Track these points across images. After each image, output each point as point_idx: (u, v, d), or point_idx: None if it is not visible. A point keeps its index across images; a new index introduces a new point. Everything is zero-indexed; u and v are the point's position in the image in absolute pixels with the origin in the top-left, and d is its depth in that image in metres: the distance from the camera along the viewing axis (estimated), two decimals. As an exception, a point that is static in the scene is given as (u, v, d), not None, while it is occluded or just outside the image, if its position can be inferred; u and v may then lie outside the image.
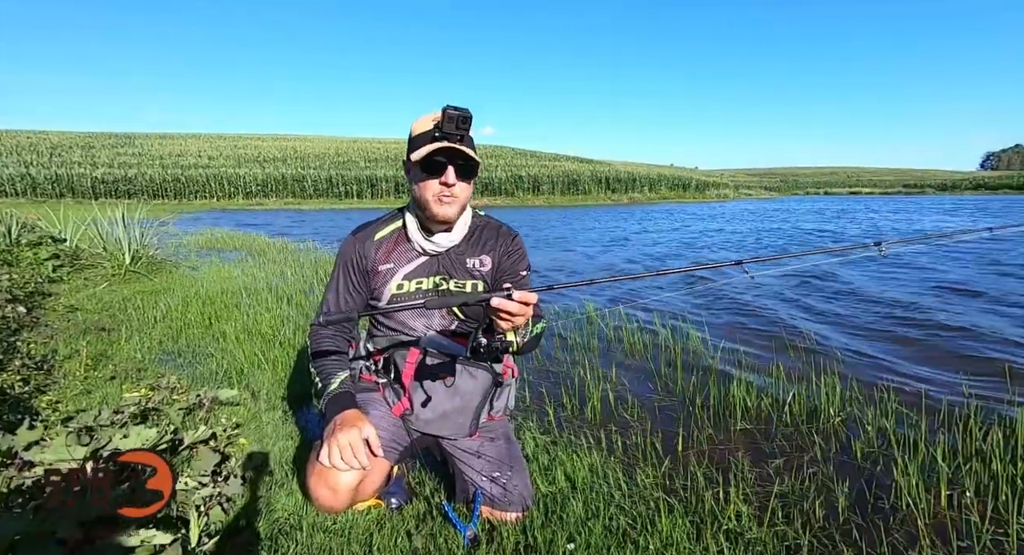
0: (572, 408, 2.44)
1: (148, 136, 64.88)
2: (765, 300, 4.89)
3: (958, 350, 3.32)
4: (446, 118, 1.30)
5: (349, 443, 1.31)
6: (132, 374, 2.56)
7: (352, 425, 1.33)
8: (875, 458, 1.97)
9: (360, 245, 1.51)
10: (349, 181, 41.99)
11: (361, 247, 1.50)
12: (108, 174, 37.21)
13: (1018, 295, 5.03)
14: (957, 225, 15.13)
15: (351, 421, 1.35)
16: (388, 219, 1.57)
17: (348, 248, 1.52)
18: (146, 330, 3.37)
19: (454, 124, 1.31)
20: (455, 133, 1.32)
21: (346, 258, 1.51)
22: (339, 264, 1.52)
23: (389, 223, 1.55)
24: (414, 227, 1.48)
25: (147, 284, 4.96)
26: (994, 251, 8.21)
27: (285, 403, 2.31)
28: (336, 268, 1.52)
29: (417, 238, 1.48)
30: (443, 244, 1.48)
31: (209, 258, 7.07)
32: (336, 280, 1.52)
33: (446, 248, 1.50)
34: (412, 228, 1.48)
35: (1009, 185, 68.41)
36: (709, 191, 56.06)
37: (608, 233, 13.73)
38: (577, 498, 1.59)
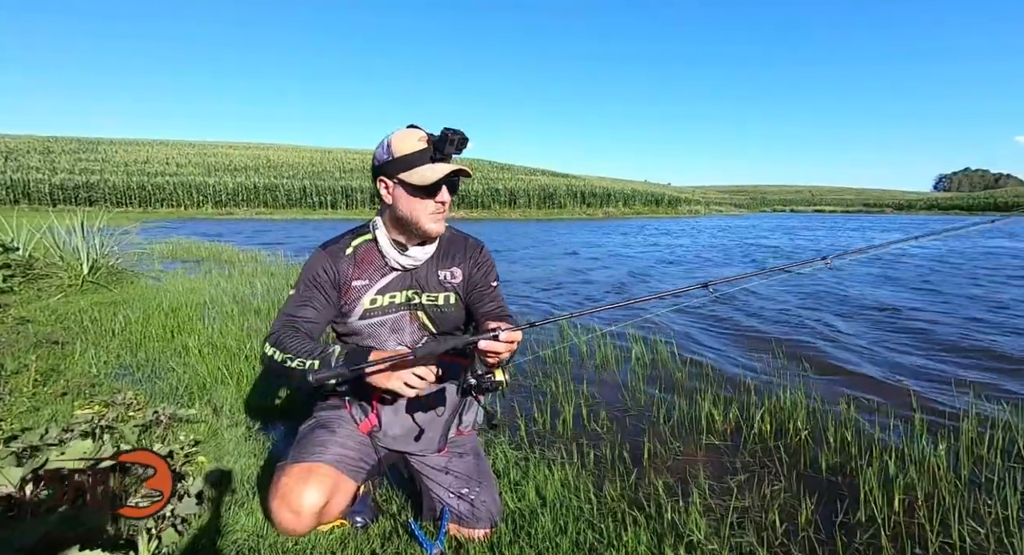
0: (544, 422, 2.44)
1: (112, 142, 62.85)
2: (733, 316, 5.01)
3: (909, 362, 3.47)
4: (447, 141, 1.31)
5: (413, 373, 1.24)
6: (85, 390, 2.45)
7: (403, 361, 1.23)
8: (837, 471, 2.02)
9: (331, 260, 1.47)
10: (324, 191, 41.47)
11: (332, 262, 1.47)
12: (68, 180, 35.83)
13: (961, 309, 5.29)
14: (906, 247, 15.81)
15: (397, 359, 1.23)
16: (357, 233, 1.55)
17: (318, 262, 1.48)
18: (103, 343, 3.24)
19: (455, 147, 1.32)
20: (454, 154, 1.34)
21: (315, 272, 1.46)
22: (306, 278, 1.47)
23: (358, 237, 1.53)
24: (387, 242, 1.46)
25: (106, 295, 4.77)
26: (934, 272, 8.63)
27: (249, 419, 2.24)
28: (302, 282, 1.47)
29: (391, 254, 1.46)
30: (419, 258, 1.48)
31: (174, 268, 6.86)
32: (301, 293, 1.45)
33: (420, 262, 1.49)
34: (385, 243, 1.46)
35: (959, 206, 72.37)
36: (681, 207, 57.46)
37: (594, 247, 13.89)
38: (546, 514, 1.59)
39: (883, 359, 3.58)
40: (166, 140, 71.95)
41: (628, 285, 7.36)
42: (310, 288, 1.46)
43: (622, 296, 6.18)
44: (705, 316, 4.92)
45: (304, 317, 1.43)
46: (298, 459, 1.41)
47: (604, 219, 40.14)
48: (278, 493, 1.35)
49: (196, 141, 73.39)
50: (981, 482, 1.91)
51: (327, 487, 1.38)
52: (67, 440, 1.63)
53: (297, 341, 1.34)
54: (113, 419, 1.90)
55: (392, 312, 1.49)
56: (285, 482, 1.36)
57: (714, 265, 10.37)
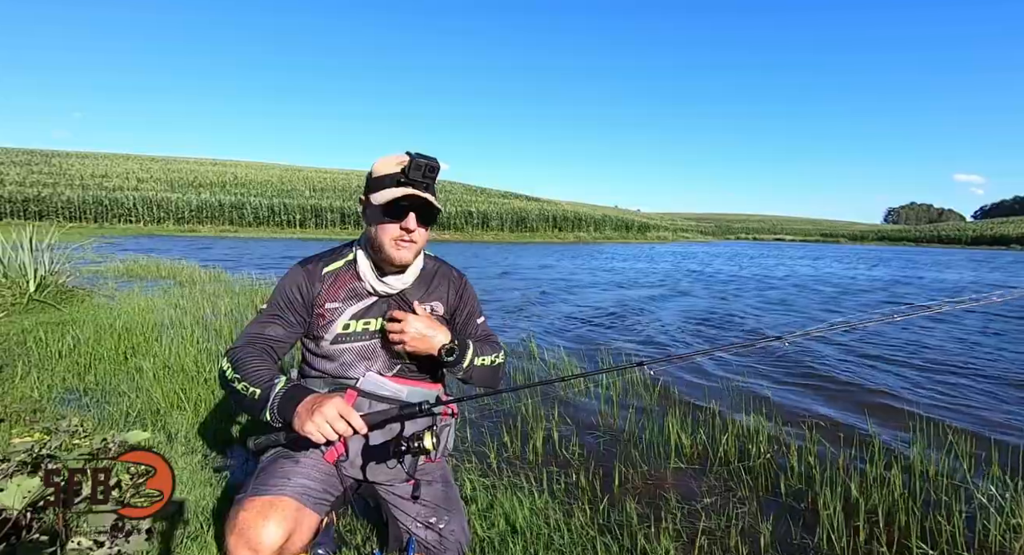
0: (514, 449, 2.42)
1: (68, 154, 60.45)
2: (693, 343, 5.12)
3: (865, 395, 3.61)
4: (413, 165, 1.30)
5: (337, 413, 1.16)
6: (25, 417, 2.29)
7: (328, 402, 1.18)
8: (799, 495, 2.07)
9: (308, 277, 1.44)
10: (293, 210, 40.76)
11: (308, 280, 1.43)
12: (17, 193, 34.10)
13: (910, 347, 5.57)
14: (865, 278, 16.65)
15: (322, 400, 1.18)
16: (337, 253, 1.52)
17: (294, 279, 1.44)
18: (47, 366, 3.05)
19: (421, 172, 1.31)
20: (421, 181, 1.33)
21: (289, 290, 1.43)
22: (280, 295, 1.43)
23: (338, 258, 1.50)
24: (366, 266, 1.44)
25: (54, 315, 4.51)
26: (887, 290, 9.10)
27: (206, 446, 2.14)
28: (274, 299, 1.43)
29: (369, 278, 1.44)
30: (395, 286, 1.46)
31: (130, 287, 6.56)
32: (272, 310, 1.42)
33: (398, 290, 1.47)
34: (364, 267, 1.44)
35: (907, 237, 76.82)
36: (650, 233, 58.99)
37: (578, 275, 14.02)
38: (516, 541, 1.56)
39: (840, 385, 3.72)
40: (127, 154, 69.72)
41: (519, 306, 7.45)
42: (282, 306, 1.42)
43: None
44: (671, 343, 5.01)
45: (270, 336, 1.38)
46: (258, 492, 1.34)
47: (575, 243, 40.76)
48: (235, 529, 1.28)
49: (160, 156, 71.42)
50: (932, 503, 1.98)
51: (288, 522, 1.31)
52: (1, 471, 1.51)
53: (253, 363, 1.29)
54: (56, 447, 1.78)
55: (365, 339, 1.46)
56: (243, 517, 1.29)
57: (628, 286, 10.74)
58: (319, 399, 1.20)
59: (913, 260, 27.50)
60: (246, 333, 1.39)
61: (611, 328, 5.79)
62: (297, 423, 1.19)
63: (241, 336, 1.38)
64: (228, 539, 1.27)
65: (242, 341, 1.36)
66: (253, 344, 1.35)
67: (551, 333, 5.39)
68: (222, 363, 1.32)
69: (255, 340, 1.37)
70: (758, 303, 8.60)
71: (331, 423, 1.16)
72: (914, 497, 1.96)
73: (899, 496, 1.94)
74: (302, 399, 1.20)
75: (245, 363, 1.29)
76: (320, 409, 1.16)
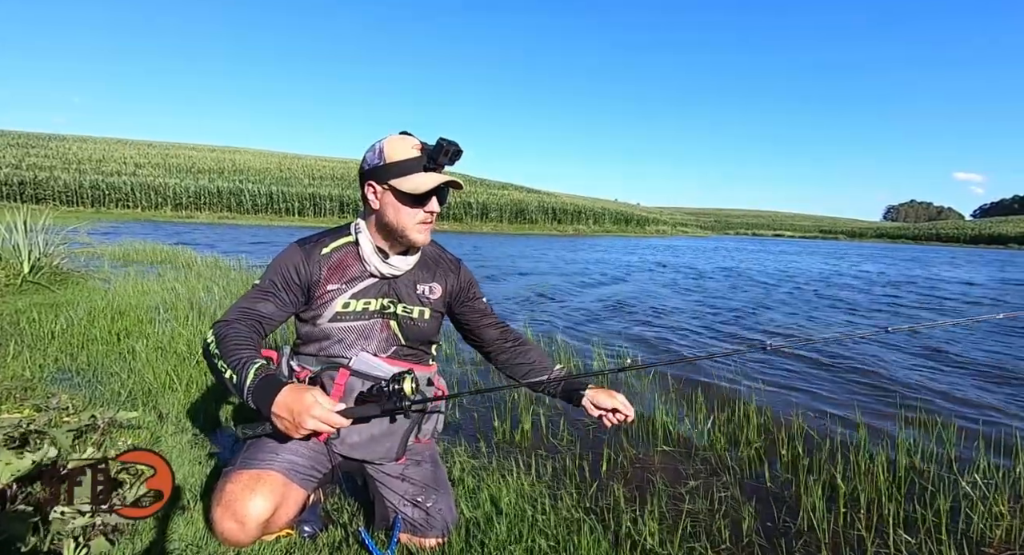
0: (504, 432, 2.43)
1: (65, 138, 59.97)
2: (694, 329, 5.14)
3: (858, 383, 3.63)
4: (442, 151, 1.29)
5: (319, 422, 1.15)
6: (16, 394, 2.29)
7: (303, 408, 1.16)
8: (783, 480, 2.09)
9: (306, 257, 1.42)
10: (291, 198, 40.60)
11: (306, 259, 1.42)
12: (13, 175, 33.87)
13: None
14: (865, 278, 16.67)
15: (298, 402, 1.16)
16: (335, 234, 1.50)
17: (291, 257, 1.42)
18: (40, 346, 3.04)
19: (449, 157, 1.31)
20: (447, 165, 1.33)
21: (286, 266, 1.41)
22: (276, 269, 1.41)
23: (338, 238, 1.48)
24: (369, 249, 1.43)
25: (47, 296, 4.50)
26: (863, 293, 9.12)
27: (195, 426, 2.15)
28: (269, 275, 1.41)
29: (373, 260, 1.43)
30: (400, 268, 1.46)
31: (125, 270, 6.54)
32: (265, 286, 1.40)
33: (401, 272, 1.47)
34: (367, 250, 1.43)
35: (906, 235, 76.89)
36: (649, 227, 58.97)
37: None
38: (501, 522, 1.57)
39: (830, 375, 3.74)
40: (125, 139, 69.18)
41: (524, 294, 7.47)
42: (277, 284, 1.40)
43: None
44: (665, 327, 5.03)
45: (261, 312, 1.37)
46: (246, 465, 1.35)
47: (574, 235, 40.74)
48: (222, 500, 1.29)
49: (158, 141, 70.87)
50: (915, 491, 2.01)
51: (275, 496, 1.32)
52: (-10, 445, 1.52)
53: (235, 340, 1.28)
54: (44, 423, 1.78)
55: (364, 319, 1.46)
56: (230, 489, 1.31)
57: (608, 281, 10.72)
58: (296, 401, 1.16)
59: (919, 258, 27.56)
60: (237, 307, 1.38)
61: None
62: (279, 425, 1.18)
63: (231, 309, 1.37)
64: (215, 511, 1.28)
65: (232, 315, 1.36)
66: (242, 320, 1.35)
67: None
68: (208, 336, 1.31)
69: (245, 315, 1.36)
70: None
71: (314, 430, 1.16)
72: (898, 485, 1.99)
73: (882, 483, 1.96)
74: (275, 395, 1.18)
75: (228, 340, 1.28)
76: (302, 423, 1.15)
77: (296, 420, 1.16)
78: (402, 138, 1.35)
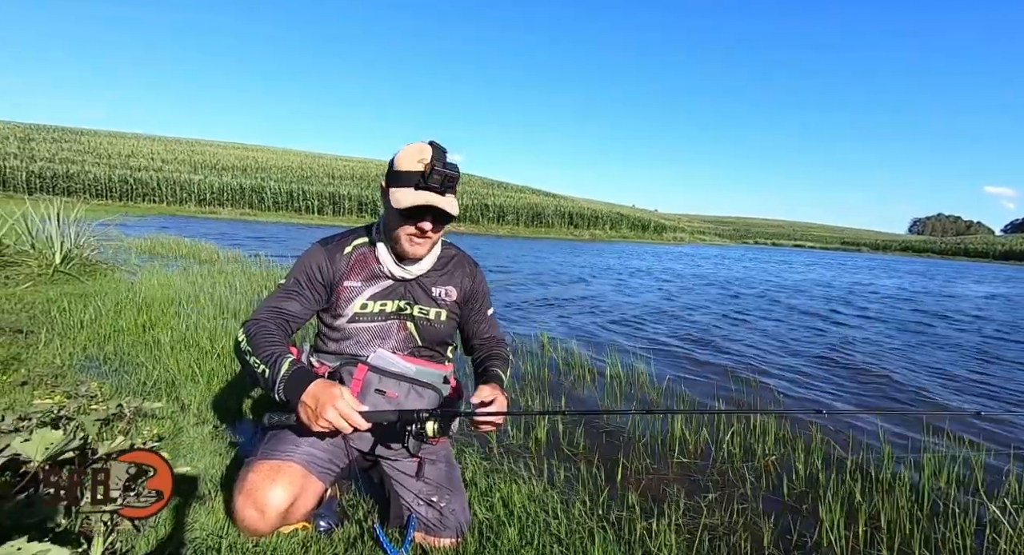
0: (516, 438, 2.43)
1: (97, 133, 61.72)
2: (710, 340, 5.08)
3: (881, 395, 3.55)
4: (433, 174, 1.30)
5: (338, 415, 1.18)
6: (48, 380, 2.36)
7: (328, 398, 1.19)
8: (802, 495, 2.05)
9: (328, 256, 1.47)
10: (311, 196, 41.18)
11: (329, 258, 1.46)
12: (47, 169, 34.99)
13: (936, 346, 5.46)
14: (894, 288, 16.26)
15: (325, 395, 1.20)
16: (356, 234, 1.54)
17: (314, 257, 1.47)
18: (70, 335, 3.14)
19: (439, 184, 1.31)
20: (440, 189, 1.33)
21: (310, 267, 1.46)
22: (300, 272, 1.46)
23: (359, 239, 1.52)
24: (385, 251, 1.46)
25: (77, 286, 4.64)
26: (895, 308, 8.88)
27: (216, 417, 2.19)
28: (294, 274, 1.46)
29: (388, 263, 1.46)
30: (413, 272, 1.49)
31: (151, 263, 6.71)
32: (291, 285, 1.45)
33: (415, 276, 1.50)
34: (383, 252, 1.46)
35: (932, 249, 74.82)
36: (666, 233, 58.45)
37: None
38: (514, 525, 1.57)
39: (850, 388, 3.66)
40: (153, 135, 71.05)
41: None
42: (301, 282, 1.45)
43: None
44: (681, 341, 4.98)
45: (288, 311, 1.42)
46: (267, 455, 1.38)
47: (590, 240, 40.57)
48: (244, 489, 1.32)
49: (185, 138, 72.57)
50: (939, 512, 1.95)
51: (294, 487, 1.35)
52: (23, 428, 1.57)
53: (265, 337, 1.32)
54: (74, 410, 1.84)
55: (381, 320, 1.49)
56: (252, 479, 1.34)
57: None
58: (323, 392, 1.20)
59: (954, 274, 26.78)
60: (265, 306, 1.43)
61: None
62: (303, 416, 1.21)
63: (260, 309, 1.42)
64: (236, 499, 1.31)
65: (261, 314, 1.40)
66: (271, 319, 1.39)
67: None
68: (238, 334, 1.35)
69: (273, 314, 1.41)
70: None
71: (334, 424, 1.19)
72: (920, 505, 1.94)
73: (905, 503, 1.92)
74: (306, 386, 1.22)
75: (259, 337, 1.33)
76: (323, 412, 1.18)
77: (318, 409, 1.19)
78: (418, 149, 1.36)
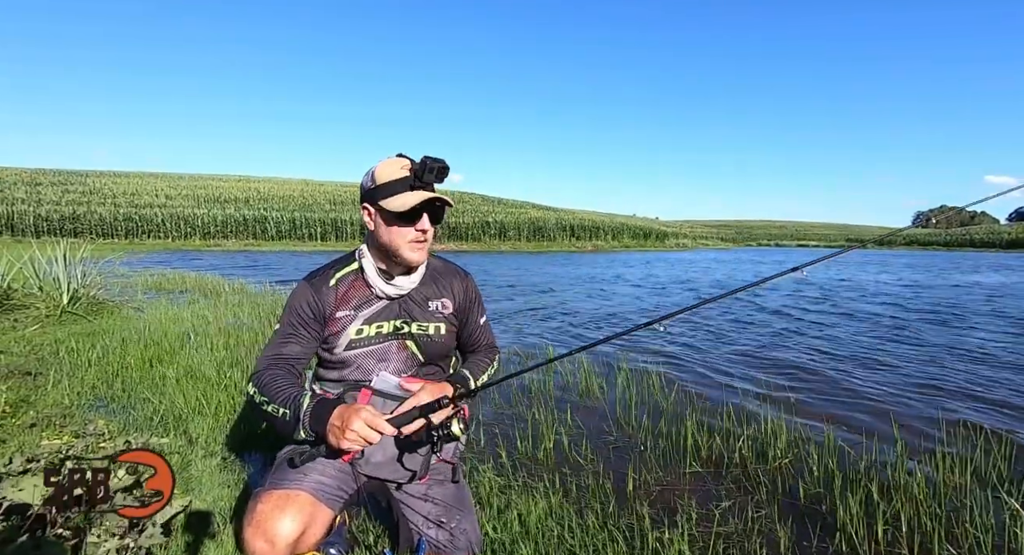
0: (526, 450, 2.41)
1: (102, 174, 62.84)
2: (710, 344, 5.05)
3: (895, 393, 3.50)
4: (426, 168, 1.32)
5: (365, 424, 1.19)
6: (56, 421, 2.38)
7: (353, 412, 1.22)
8: (818, 498, 2.02)
9: (315, 291, 1.47)
10: (313, 223, 41.60)
11: (316, 293, 1.46)
12: (54, 211, 35.59)
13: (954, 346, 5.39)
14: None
15: (349, 411, 1.23)
16: (342, 263, 1.54)
17: (302, 295, 1.47)
18: (78, 374, 3.16)
19: (434, 174, 1.34)
20: (434, 182, 1.36)
21: (298, 306, 1.46)
22: (291, 310, 1.47)
23: (343, 267, 1.52)
24: (373, 272, 1.46)
25: (85, 326, 4.68)
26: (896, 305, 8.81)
27: (224, 450, 2.19)
28: (286, 316, 1.47)
29: (377, 283, 1.46)
30: (405, 287, 1.48)
31: (157, 298, 6.76)
32: (285, 329, 1.45)
33: (407, 291, 1.50)
34: (371, 273, 1.47)
35: (938, 242, 74.31)
36: (669, 240, 58.42)
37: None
38: (528, 542, 1.56)
39: (863, 388, 3.61)
40: (156, 172, 72.22)
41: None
42: (294, 323, 1.45)
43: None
44: (687, 344, 4.94)
45: (290, 355, 1.43)
46: (276, 485, 1.37)
47: (592, 252, 40.60)
48: (253, 520, 1.31)
49: (187, 173, 73.72)
50: (958, 508, 1.91)
51: (304, 516, 1.34)
52: (31, 470, 1.58)
53: (277, 383, 1.35)
54: (82, 449, 1.85)
55: (379, 342, 1.49)
56: (261, 509, 1.33)
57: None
58: (347, 412, 1.23)
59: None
60: (265, 356, 1.43)
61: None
62: (332, 439, 1.23)
63: (261, 360, 1.43)
64: (246, 530, 1.30)
65: (263, 364, 1.41)
66: (274, 366, 1.40)
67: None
68: (248, 388, 1.38)
69: (275, 362, 1.42)
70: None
71: (363, 436, 1.20)
72: (939, 502, 1.90)
73: (922, 501, 1.88)
74: (331, 412, 1.25)
75: (271, 386, 1.35)
76: (350, 425, 1.20)
77: (344, 424, 1.21)
78: (393, 160, 1.39)
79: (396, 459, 1.46)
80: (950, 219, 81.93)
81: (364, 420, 1.20)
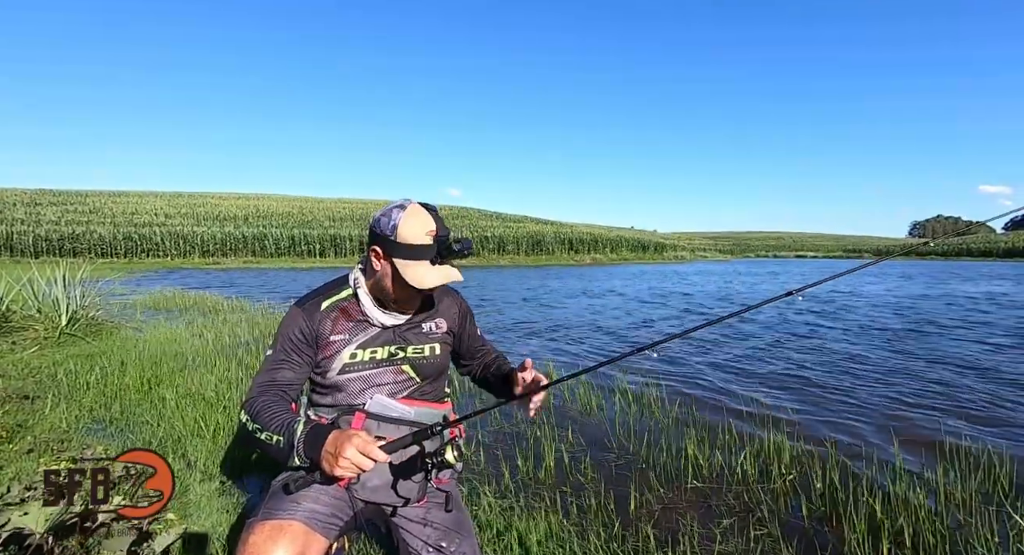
0: (527, 470, 2.40)
1: (100, 193, 63.15)
2: (711, 361, 5.04)
3: (892, 411, 3.49)
4: (453, 246, 1.35)
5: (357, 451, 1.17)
6: (54, 446, 2.36)
7: (346, 438, 1.20)
8: (822, 515, 2.00)
9: (307, 316, 1.45)
10: (312, 240, 41.71)
11: (308, 318, 1.45)
12: (53, 231, 35.69)
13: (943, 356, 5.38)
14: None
15: (342, 437, 1.21)
16: (334, 287, 1.54)
17: (294, 321, 1.45)
18: (76, 397, 3.15)
19: (459, 251, 1.36)
20: (456, 257, 1.38)
21: (291, 332, 1.45)
22: (283, 336, 1.45)
23: (337, 291, 1.51)
24: (369, 302, 1.46)
25: (83, 347, 4.67)
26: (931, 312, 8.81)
27: (223, 473, 2.17)
28: (278, 342, 1.45)
29: (374, 313, 1.46)
30: (400, 317, 1.49)
31: (156, 318, 6.76)
32: (277, 354, 1.44)
33: (403, 320, 1.51)
34: (367, 302, 1.46)
35: (935, 251, 74.58)
36: (667, 253, 58.59)
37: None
38: (528, 566, 1.54)
39: (863, 402, 3.60)
40: (155, 191, 72.55)
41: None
42: (286, 348, 1.44)
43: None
44: (685, 359, 4.93)
45: (281, 381, 1.41)
46: (268, 516, 1.36)
47: (591, 265, 40.67)
48: (245, 552, 1.30)
49: (186, 192, 74.06)
50: (961, 525, 1.90)
51: (296, 546, 1.32)
52: (29, 498, 1.57)
53: (271, 410, 1.33)
54: (80, 475, 1.83)
55: (372, 367, 1.48)
56: (253, 541, 1.31)
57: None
58: (340, 439, 1.22)
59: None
60: (257, 383, 1.41)
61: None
62: (326, 467, 1.21)
63: (253, 387, 1.41)
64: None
65: (256, 392, 1.39)
66: (266, 393, 1.39)
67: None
68: (241, 416, 1.35)
69: (268, 388, 1.40)
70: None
71: (356, 463, 1.18)
72: (942, 519, 1.88)
73: (925, 517, 1.87)
74: (325, 438, 1.23)
75: (263, 413, 1.33)
76: (343, 452, 1.18)
77: (338, 450, 1.19)
78: (418, 217, 1.37)
79: (391, 486, 1.45)
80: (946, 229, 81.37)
81: (357, 447, 1.18)
